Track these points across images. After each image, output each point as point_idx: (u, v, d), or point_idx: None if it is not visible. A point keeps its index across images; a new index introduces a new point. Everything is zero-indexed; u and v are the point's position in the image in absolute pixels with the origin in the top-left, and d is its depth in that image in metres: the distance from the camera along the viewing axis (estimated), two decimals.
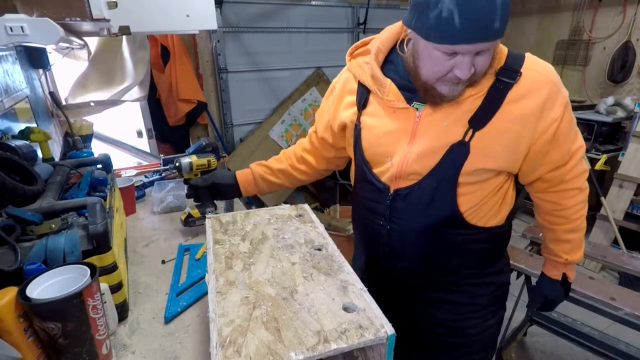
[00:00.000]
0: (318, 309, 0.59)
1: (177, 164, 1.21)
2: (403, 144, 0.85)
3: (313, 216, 0.89)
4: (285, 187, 1.21)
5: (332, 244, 0.78)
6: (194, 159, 1.22)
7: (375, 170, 0.92)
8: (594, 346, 1.77)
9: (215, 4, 1.71)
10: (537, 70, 0.78)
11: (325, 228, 0.85)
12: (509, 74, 0.78)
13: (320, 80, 3.28)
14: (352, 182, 1.08)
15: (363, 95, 0.92)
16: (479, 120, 0.78)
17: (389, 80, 0.85)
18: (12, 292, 0.62)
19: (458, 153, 0.80)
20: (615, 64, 3.12)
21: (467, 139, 0.79)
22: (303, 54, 3.17)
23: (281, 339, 0.53)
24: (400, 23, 0.84)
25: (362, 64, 0.91)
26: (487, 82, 0.78)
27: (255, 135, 3.09)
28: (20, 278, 0.67)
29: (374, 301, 0.61)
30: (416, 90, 0.82)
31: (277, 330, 0.55)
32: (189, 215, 1.27)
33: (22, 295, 0.62)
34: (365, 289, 0.64)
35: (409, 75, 0.82)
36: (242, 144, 3.07)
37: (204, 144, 1.50)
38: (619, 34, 3.10)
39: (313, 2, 3.07)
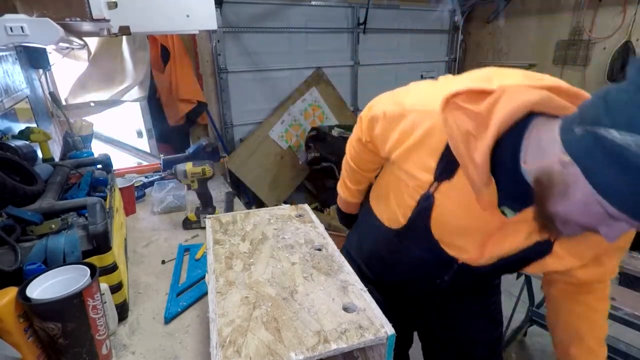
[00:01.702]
0: (318, 309, 0.59)
1: (174, 171, 1.26)
2: (475, 245, 0.76)
3: (313, 216, 0.89)
4: None
5: (332, 244, 0.78)
6: (188, 166, 1.25)
7: (447, 243, 0.80)
8: None
9: (215, 4, 1.71)
10: None
11: (325, 228, 0.85)
12: None
13: (320, 80, 3.28)
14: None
15: (450, 165, 0.69)
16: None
17: (493, 184, 0.64)
18: (12, 292, 0.62)
19: (537, 251, 0.73)
20: (615, 64, 3.12)
21: (552, 239, 0.71)
22: (303, 54, 3.17)
23: (281, 339, 0.53)
24: (532, 97, 0.58)
25: (464, 132, 0.63)
26: None
27: (255, 135, 3.09)
28: (20, 278, 0.67)
29: (373, 301, 0.61)
30: (521, 194, 0.63)
31: (277, 330, 0.55)
32: (187, 219, 1.32)
33: (22, 296, 0.62)
34: (365, 289, 0.64)
35: (522, 188, 0.62)
36: (242, 144, 3.07)
37: (204, 144, 1.51)
38: (619, 34, 3.10)
39: (313, 2, 3.07)
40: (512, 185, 0.64)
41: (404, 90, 0.82)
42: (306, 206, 0.94)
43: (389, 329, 0.55)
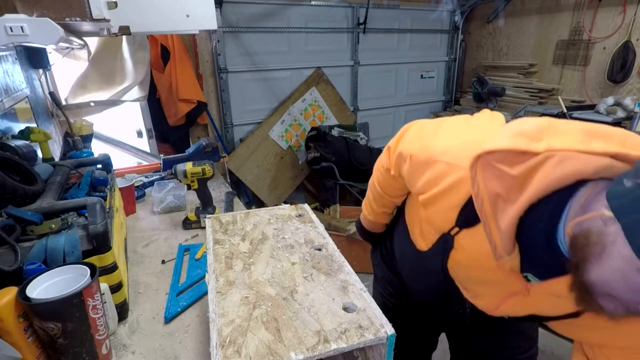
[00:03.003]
0: (318, 309, 0.59)
1: (174, 171, 1.26)
2: (492, 297, 0.71)
3: (313, 216, 0.89)
4: None
5: (332, 244, 0.78)
6: (188, 166, 1.25)
7: (458, 284, 0.78)
8: None
9: (215, 4, 1.71)
10: None
11: (325, 228, 0.85)
12: None
13: (320, 80, 3.28)
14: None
15: (472, 213, 0.63)
16: None
17: (516, 252, 0.58)
18: (12, 292, 0.62)
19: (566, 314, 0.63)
20: (615, 64, 3.12)
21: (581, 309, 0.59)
22: (303, 54, 3.17)
23: (281, 339, 0.53)
24: (585, 167, 0.49)
25: (492, 194, 0.56)
26: None
27: (255, 135, 3.09)
28: (20, 278, 0.67)
29: (373, 301, 0.61)
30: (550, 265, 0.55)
31: (277, 330, 0.55)
32: (187, 218, 1.32)
33: (22, 295, 0.62)
34: (365, 288, 0.64)
35: (553, 256, 0.52)
36: (242, 144, 3.07)
37: (204, 144, 1.51)
38: (619, 34, 3.10)
39: (313, 2, 3.07)
40: (541, 252, 0.55)
41: (434, 128, 0.76)
42: (306, 206, 0.94)
43: (389, 329, 0.55)
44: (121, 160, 2.41)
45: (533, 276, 0.60)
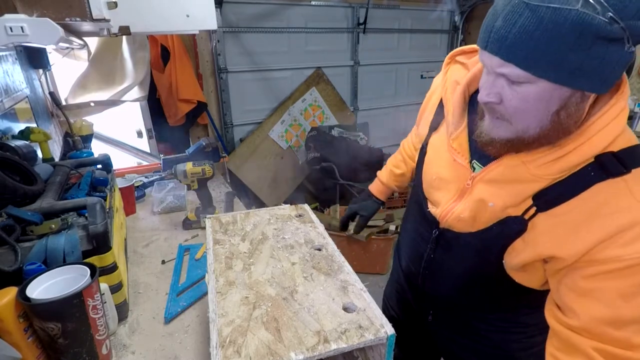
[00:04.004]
0: (318, 309, 0.59)
1: (173, 171, 1.26)
2: (449, 199, 0.77)
3: (313, 216, 0.89)
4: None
5: (332, 244, 0.78)
6: (189, 166, 1.25)
7: (429, 199, 0.84)
8: None
9: (215, 4, 1.71)
10: None
11: (325, 228, 0.85)
12: (612, 164, 0.57)
13: (320, 80, 3.28)
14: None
15: (440, 117, 0.81)
16: (546, 201, 0.62)
17: (464, 122, 0.73)
18: (12, 292, 0.62)
19: (510, 229, 0.67)
20: None
21: (527, 217, 0.64)
22: (303, 54, 3.17)
23: (281, 339, 0.53)
24: None
25: (452, 82, 0.76)
26: (567, 168, 0.60)
27: (255, 135, 3.09)
28: (20, 278, 0.67)
29: (373, 301, 0.61)
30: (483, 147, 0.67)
31: (277, 331, 0.55)
32: (187, 218, 1.32)
33: (22, 296, 0.62)
34: (364, 288, 0.64)
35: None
36: (242, 144, 3.07)
37: (204, 144, 1.51)
38: None
39: (313, 2, 3.07)
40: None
41: None
42: (306, 206, 0.94)
43: (388, 329, 0.55)
44: (121, 160, 2.42)
45: (477, 162, 0.72)
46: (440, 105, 0.80)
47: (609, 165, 0.57)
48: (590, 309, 0.59)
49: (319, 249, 0.75)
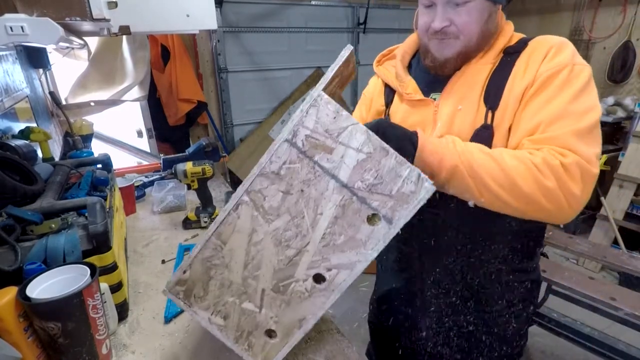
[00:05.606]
0: None
1: (174, 170, 1.26)
2: (429, 135, 0.84)
3: None
4: None
5: None
6: (189, 166, 1.25)
7: None
8: (594, 346, 1.77)
9: (215, 4, 1.71)
10: (547, 36, 0.79)
11: None
12: (518, 47, 0.79)
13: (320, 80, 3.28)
14: None
15: (390, 96, 0.97)
16: (492, 98, 0.77)
17: (409, 77, 0.91)
18: (12, 291, 0.62)
19: (482, 137, 0.77)
20: (615, 63, 3.12)
21: (489, 122, 0.77)
22: (303, 54, 3.17)
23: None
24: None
25: (388, 67, 0.97)
26: (493, 58, 0.80)
27: (255, 135, 3.09)
28: (20, 278, 0.67)
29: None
30: (434, 81, 0.85)
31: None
32: (187, 218, 1.32)
33: (22, 295, 0.62)
34: None
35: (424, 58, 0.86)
36: (242, 143, 3.07)
37: (204, 143, 1.51)
38: (619, 34, 3.10)
39: (313, 2, 3.07)
40: (425, 73, 0.88)
41: None
42: None
43: None
44: (121, 160, 2.42)
45: (433, 94, 0.86)
46: (387, 89, 0.97)
47: (515, 48, 0.79)
48: (544, 117, 0.72)
49: None
